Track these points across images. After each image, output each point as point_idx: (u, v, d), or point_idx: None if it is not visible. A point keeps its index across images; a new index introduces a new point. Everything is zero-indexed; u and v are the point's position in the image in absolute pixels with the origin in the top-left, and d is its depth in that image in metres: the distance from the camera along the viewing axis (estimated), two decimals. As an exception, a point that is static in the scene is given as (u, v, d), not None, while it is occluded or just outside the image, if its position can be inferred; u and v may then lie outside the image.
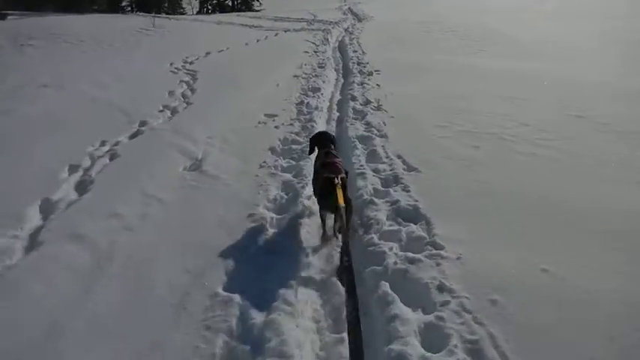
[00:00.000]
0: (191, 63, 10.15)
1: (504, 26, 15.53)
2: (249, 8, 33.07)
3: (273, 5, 37.33)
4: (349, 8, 28.43)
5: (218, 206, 3.82)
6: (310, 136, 4.27)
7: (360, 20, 20.33)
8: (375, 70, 9.45)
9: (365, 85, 8.33)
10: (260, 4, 33.07)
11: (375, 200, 3.82)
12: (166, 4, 29.65)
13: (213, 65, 10.04)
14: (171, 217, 3.68)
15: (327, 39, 14.42)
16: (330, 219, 3.32)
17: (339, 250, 3.26)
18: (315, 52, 12.02)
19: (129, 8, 28.61)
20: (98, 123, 6.01)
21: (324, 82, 8.78)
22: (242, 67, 9.87)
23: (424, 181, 4.22)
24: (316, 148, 3.79)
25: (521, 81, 8.53)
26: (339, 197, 2.97)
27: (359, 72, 9.55)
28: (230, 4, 33.57)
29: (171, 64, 9.91)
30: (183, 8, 31.84)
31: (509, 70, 9.33)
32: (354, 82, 8.66)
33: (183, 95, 7.63)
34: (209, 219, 3.63)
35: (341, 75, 9.86)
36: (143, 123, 6.07)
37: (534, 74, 9.00)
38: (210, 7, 33.68)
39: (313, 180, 3.62)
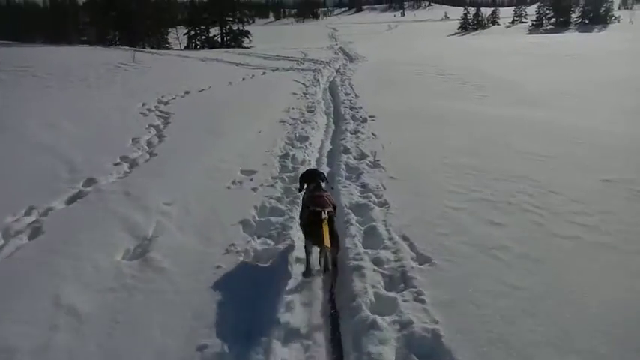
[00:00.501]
0: (166, 103, 9.18)
1: (504, 71, 14.98)
2: (239, 45, 32.74)
3: (264, 41, 37.35)
4: (341, 48, 28.22)
5: (157, 327, 2.68)
6: (299, 175, 3.99)
7: (352, 60, 19.81)
8: (370, 116, 8.56)
9: (359, 133, 7.39)
10: (250, 40, 32.78)
11: (378, 321, 2.70)
12: (151, 39, 29.10)
13: (190, 107, 9.07)
14: (84, 348, 2.52)
15: (318, 79, 13.66)
16: (315, 252, 3.21)
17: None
18: (305, 93, 11.17)
19: (116, 41, 27.84)
20: (32, 179, 4.89)
21: (313, 129, 7.83)
22: (222, 109, 8.92)
23: (442, 281, 3.14)
24: (305, 185, 3.71)
25: (532, 132, 7.66)
26: (325, 236, 2.85)
27: (352, 118, 8.66)
28: (219, 40, 33.21)
29: (143, 105, 8.92)
30: (168, 43, 31.32)
31: (518, 119, 8.50)
32: (346, 129, 7.73)
33: (149, 143, 6.58)
34: (140, 353, 2.48)
35: (332, 121, 8.95)
36: (89, 182, 4.97)
37: (544, 124, 8.15)
38: (198, 43, 33.26)
39: (300, 213, 3.58)
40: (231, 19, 32.31)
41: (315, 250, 3.19)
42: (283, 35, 53.78)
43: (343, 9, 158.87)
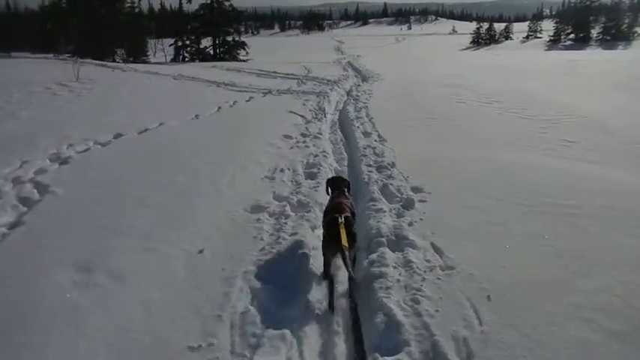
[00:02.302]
0: (65, 161, 5.45)
1: (567, 97, 11.23)
2: (234, 57, 29.11)
3: (264, 53, 33.79)
4: (349, 62, 24.64)
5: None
6: (327, 179, 4.15)
7: (365, 79, 16.08)
8: (415, 189, 4.86)
9: (406, 247, 3.61)
10: (247, 52, 29.13)
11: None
12: (127, 49, 25.41)
13: (97, 171, 5.34)
14: None
15: (324, 108, 9.94)
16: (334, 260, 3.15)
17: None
18: (304, 135, 7.44)
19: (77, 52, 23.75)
20: None
21: (315, 227, 4.09)
22: (152, 178, 5.16)
23: None
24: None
25: None
26: (342, 237, 2.98)
27: (381, 191, 4.97)
28: (211, 52, 29.57)
29: (22, 164, 5.19)
30: (146, 55, 27.64)
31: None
32: (379, 227, 3.97)
33: None
34: None
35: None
36: None
37: None
38: (187, 55, 29.62)
39: (322, 221, 3.60)
40: (225, 29, 28.71)
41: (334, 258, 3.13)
42: (286, 47, 50.55)
43: (349, 22, 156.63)
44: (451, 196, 4.70)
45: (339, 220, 3.12)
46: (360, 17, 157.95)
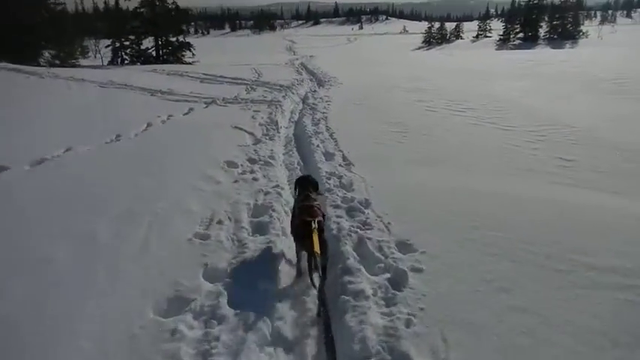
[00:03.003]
0: None
1: (544, 102, 10.37)
2: (178, 59, 26.80)
3: (213, 54, 31.66)
4: (302, 64, 23.20)
5: None
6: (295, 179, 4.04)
7: (320, 84, 14.69)
8: (402, 245, 3.55)
9: (404, 357, 2.25)
10: (193, 54, 26.90)
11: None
12: (55, 52, 22.55)
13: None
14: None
15: (276, 121, 8.47)
16: (304, 259, 3.13)
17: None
18: (252, 161, 5.95)
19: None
20: None
21: (264, 343, 2.63)
22: (13, 254, 3.52)
23: None
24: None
25: None
26: (315, 243, 2.91)
27: (357, 250, 3.68)
28: (154, 54, 27.09)
29: None
30: (76, 58, 24.76)
31: None
32: (364, 337, 2.58)
33: None
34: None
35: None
36: None
37: None
38: (126, 57, 26.98)
39: (291, 221, 3.55)
40: (168, 29, 26.31)
41: (305, 257, 3.15)
42: (236, 47, 48.34)
43: (300, 22, 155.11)
44: (451, 258, 3.40)
45: (313, 225, 3.04)
46: (312, 17, 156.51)
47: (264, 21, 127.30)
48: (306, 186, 3.71)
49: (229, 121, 8.12)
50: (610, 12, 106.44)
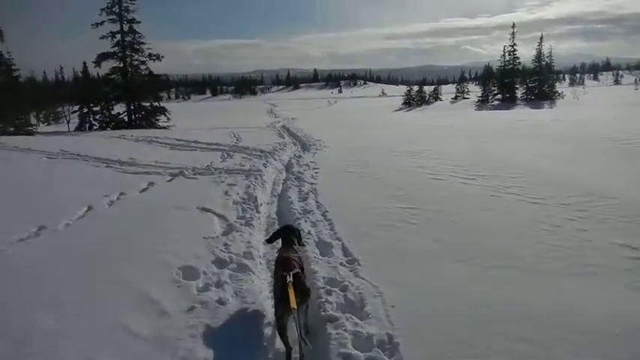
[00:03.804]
0: None
1: (561, 166, 9.09)
2: (152, 124, 25.48)
3: (190, 118, 30.53)
4: (284, 126, 22.11)
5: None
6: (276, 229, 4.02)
7: (306, 148, 13.31)
8: None
9: None
10: (168, 118, 25.66)
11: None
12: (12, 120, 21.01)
13: None
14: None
15: (255, 197, 6.85)
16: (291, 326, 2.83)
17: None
18: (220, 264, 4.26)
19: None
20: None
21: None
22: None
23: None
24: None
25: None
26: (290, 298, 2.74)
27: None
28: (125, 119, 25.71)
29: None
30: (32, 126, 23.20)
31: None
32: None
33: None
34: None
35: None
36: None
37: None
38: (95, 123, 25.51)
39: (273, 279, 3.40)
40: (142, 95, 25.22)
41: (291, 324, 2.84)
42: (216, 111, 47.88)
43: (281, 86, 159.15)
44: None
45: (288, 280, 2.90)
46: (292, 82, 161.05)
47: (245, 86, 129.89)
48: (288, 236, 3.70)
49: (196, 199, 6.46)
50: (578, 75, 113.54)
